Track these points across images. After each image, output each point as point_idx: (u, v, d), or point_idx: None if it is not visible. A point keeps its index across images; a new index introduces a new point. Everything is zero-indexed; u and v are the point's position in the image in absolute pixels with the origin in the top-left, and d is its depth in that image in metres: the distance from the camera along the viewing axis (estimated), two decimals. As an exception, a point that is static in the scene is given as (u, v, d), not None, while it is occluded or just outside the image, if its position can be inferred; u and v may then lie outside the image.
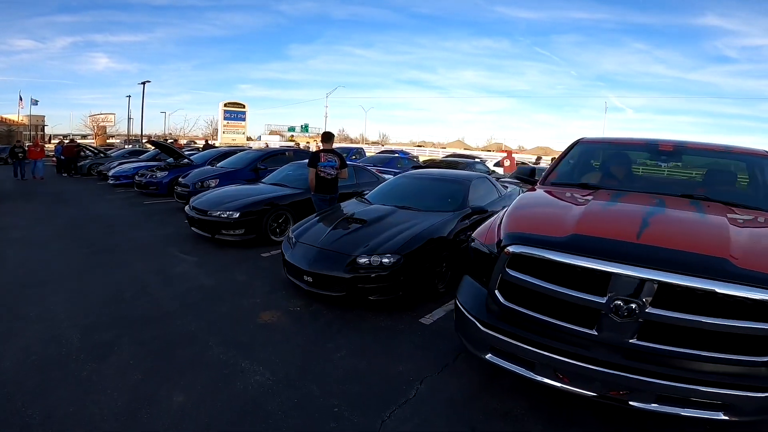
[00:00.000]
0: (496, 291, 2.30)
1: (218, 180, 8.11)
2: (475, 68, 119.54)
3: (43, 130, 50.38)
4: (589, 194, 2.88)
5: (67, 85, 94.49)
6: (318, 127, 52.73)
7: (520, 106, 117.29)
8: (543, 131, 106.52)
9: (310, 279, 3.71)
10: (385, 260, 3.57)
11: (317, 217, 4.54)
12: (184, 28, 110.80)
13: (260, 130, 55.22)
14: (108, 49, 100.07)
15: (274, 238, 5.91)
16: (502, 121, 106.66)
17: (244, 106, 46.30)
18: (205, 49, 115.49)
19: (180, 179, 8.68)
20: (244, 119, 46.18)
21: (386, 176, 8.48)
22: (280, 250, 4.36)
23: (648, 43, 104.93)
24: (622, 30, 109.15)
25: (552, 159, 20.54)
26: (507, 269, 2.24)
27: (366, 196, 5.35)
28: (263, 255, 5.46)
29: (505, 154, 17.27)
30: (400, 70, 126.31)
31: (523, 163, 21.45)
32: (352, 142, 56.04)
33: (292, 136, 49.26)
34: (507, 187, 6.64)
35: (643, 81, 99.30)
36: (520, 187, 7.83)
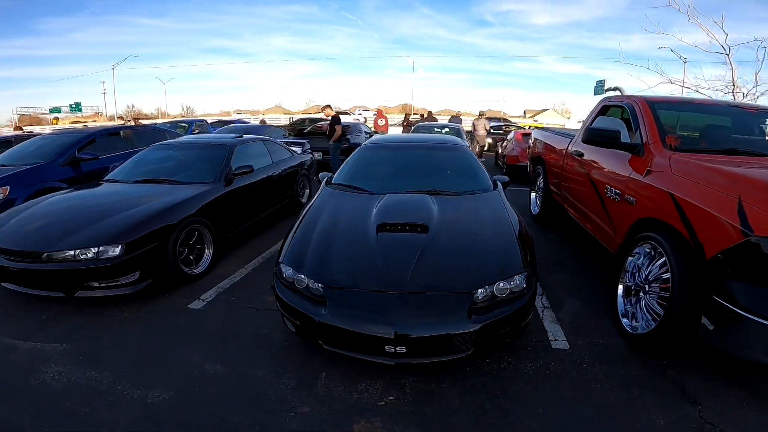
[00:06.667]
0: None
1: (8, 187, 4.60)
2: (284, 34, 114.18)
3: None
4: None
5: None
6: (98, 104, 41.95)
7: (331, 69, 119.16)
8: (356, 92, 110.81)
9: (403, 349, 2.03)
10: (516, 283, 2.23)
11: (328, 233, 2.59)
12: None
13: (6, 114, 40.51)
14: None
15: (188, 271, 3.54)
16: (317, 84, 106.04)
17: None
18: None
19: None
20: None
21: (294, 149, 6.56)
22: (211, 291, 2.41)
23: (432, 8, 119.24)
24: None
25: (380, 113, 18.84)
26: None
27: (360, 186, 3.42)
28: (191, 307, 3.16)
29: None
30: (201, 38, 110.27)
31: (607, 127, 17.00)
32: (147, 118, 45.86)
33: (56, 118, 36.59)
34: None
35: (431, 43, 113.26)
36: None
